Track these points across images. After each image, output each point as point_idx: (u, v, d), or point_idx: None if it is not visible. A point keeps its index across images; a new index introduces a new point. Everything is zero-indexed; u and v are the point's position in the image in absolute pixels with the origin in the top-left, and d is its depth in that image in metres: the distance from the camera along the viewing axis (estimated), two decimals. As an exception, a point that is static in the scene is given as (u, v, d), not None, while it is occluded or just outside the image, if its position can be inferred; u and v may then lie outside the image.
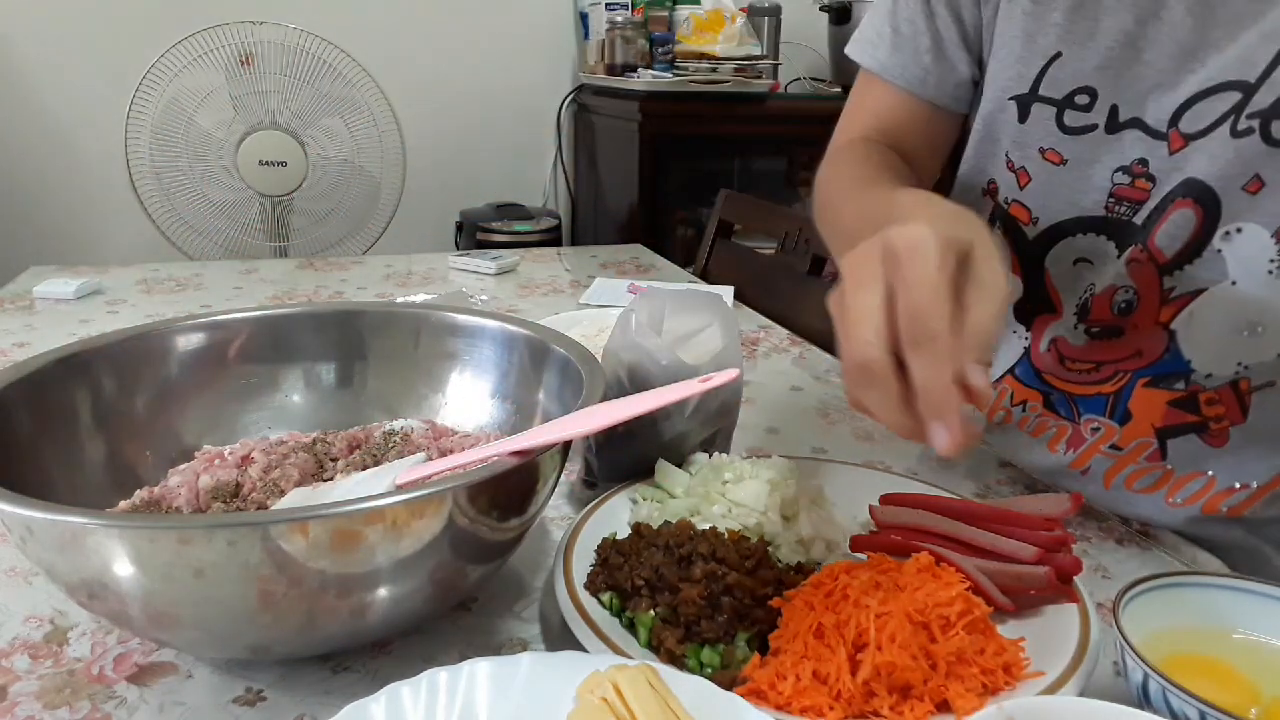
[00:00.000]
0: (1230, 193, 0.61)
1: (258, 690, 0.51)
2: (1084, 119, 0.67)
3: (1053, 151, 0.69)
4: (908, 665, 0.46)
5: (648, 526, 0.58)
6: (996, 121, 0.72)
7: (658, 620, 0.51)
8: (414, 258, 1.60)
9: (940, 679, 0.46)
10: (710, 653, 0.49)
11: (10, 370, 0.59)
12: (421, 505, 0.46)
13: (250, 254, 2.10)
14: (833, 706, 0.45)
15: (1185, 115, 0.62)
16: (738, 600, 0.51)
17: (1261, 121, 0.59)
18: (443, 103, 2.69)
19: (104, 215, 2.51)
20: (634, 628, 0.52)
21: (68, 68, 2.42)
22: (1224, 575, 0.51)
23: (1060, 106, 0.68)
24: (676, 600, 0.51)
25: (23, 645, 0.55)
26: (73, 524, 0.44)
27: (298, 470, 0.63)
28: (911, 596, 0.49)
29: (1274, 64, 0.58)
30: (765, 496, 0.60)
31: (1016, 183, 0.72)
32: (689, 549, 0.54)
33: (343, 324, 0.74)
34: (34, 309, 1.26)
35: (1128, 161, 0.65)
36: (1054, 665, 0.47)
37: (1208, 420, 0.67)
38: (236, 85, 2.05)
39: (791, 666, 0.47)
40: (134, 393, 0.67)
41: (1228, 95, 0.60)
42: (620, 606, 0.53)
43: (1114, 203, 0.67)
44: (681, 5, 2.57)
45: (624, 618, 0.53)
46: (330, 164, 2.15)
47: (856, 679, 0.46)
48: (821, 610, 0.50)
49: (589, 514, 0.61)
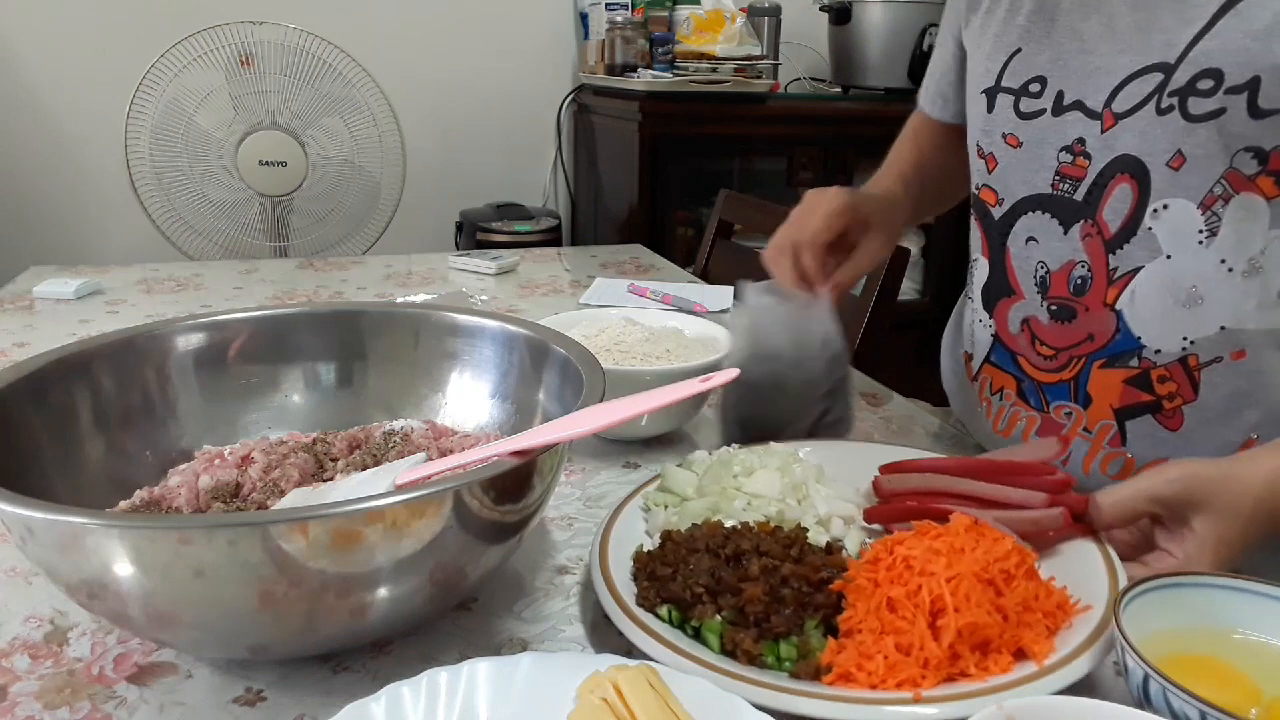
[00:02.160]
0: (1157, 168, 0.66)
1: (258, 690, 0.51)
2: (1036, 105, 0.74)
3: (1012, 136, 0.76)
4: (987, 622, 0.48)
5: (678, 533, 0.58)
6: (971, 115, 0.80)
7: (726, 624, 0.51)
8: (414, 258, 1.60)
9: (1013, 629, 0.49)
10: (787, 646, 0.50)
11: (10, 370, 0.59)
12: (421, 505, 0.46)
13: (250, 254, 2.10)
14: (924, 676, 0.46)
15: (1118, 96, 0.68)
16: (797, 590, 0.52)
17: (1180, 99, 0.64)
18: (443, 103, 2.69)
19: (104, 215, 2.51)
20: (700, 636, 0.52)
21: (68, 68, 2.42)
22: (1224, 575, 0.51)
23: (1017, 95, 0.75)
24: (741, 600, 0.51)
25: (23, 645, 0.55)
26: (73, 524, 0.44)
27: (297, 470, 0.63)
28: (972, 557, 0.51)
29: (1190, 45, 0.63)
30: (779, 483, 0.61)
31: (986, 168, 0.79)
32: (733, 548, 0.55)
33: (343, 324, 0.74)
34: (34, 309, 1.26)
35: (1069, 141, 0.71)
36: (1096, 598, 0.52)
37: (1161, 399, 0.70)
38: (236, 85, 2.05)
39: (873, 645, 0.48)
40: (134, 393, 0.67)
41: (1152, 76, 0.66)
42: (682, 618, 0.53)
43: (1059, 179, 0.73)
44: (681, 5, 2.57)
45: (688, 628, 0.52)
46: (330, 164, 2.15)
47: (941, 644, 0.47)
48: (887, 585, 0.50)
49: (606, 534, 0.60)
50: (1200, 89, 0.63)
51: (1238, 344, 0.67)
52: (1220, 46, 0.62)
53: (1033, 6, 0.74)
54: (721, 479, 0.63)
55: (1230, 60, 0.62)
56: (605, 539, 0.59)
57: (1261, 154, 0.62)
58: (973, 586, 0.49)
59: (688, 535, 0.57)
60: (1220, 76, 0.62)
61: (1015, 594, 0.50)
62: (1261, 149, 0.62)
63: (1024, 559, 0.52)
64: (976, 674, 0.47)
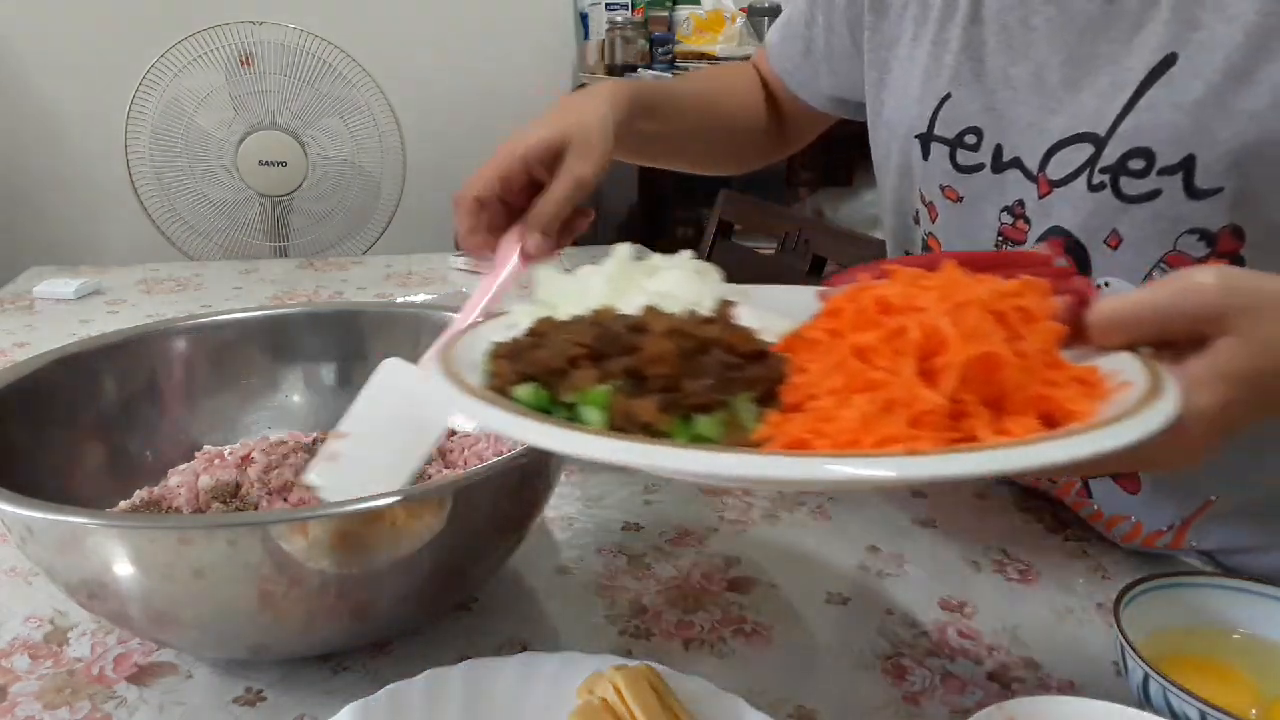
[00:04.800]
0: (1094, 245, 0.61)
1: (258, 690, 0.51)
2: (973, 158, 0.67)
3: (950, 189, 0.69)
4: (1005, 358, 0.35)
5: (551, 320, 0.41)
6: (908, 158, 0.73)
7: (618, 393, 0.36)
8: (414, 258, 1.60)
9: (1037, 384, 0.36)
10: (708, 422, 0.35)
11: (10, 370, 0.59)
12: (421, 505, 0.46)
13: (250, 254, 2.10)
14: (916, 438, 0.33)
15: (1051, 161, 0.62)
16: (723, 362, 0.37)
17: (1111, 177, 0.58)
18: (443, 103, 2.69)
19: (104, 215, 2.51)
20: (576, 418, 0.36)
21: (68, 68, 2.42)
22: (1224, 575, 0.51)
23: (953, 146, 0.68)
24: (638, 361, 0.36)
25: (23, 645, 0.55)
26: (73, 524, 0.44)
27: (297, 470, 0.63)
28: (975, 290, 0.38)
29: (1120, 117, 0.57)
30: (696, 285, 0.45)
31: (928, 216, 0.73)
32: (632, 322, 0.39)
33: (343, 324, 0.74)
34: (34, 309, 1.25)
35: (1010, 202, 0.65)
36: (1133, 378, 0.37)
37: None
38: (236, 85, 2.05)
39: (838, 404, 0.34)
40: (134, 393, 0.67)
41: (1083, 146, 0.59)
42: (550, 398, 0.37)
43: (1001, 241, 0.67)
44: (681, 5, 2.57)
45: (559, 411, 0.37)
46: (330, 164, 2.14)
47: (941, 389, 0.34)
48: (854, 333, 0.37)
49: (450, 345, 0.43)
50: (1132, 169, 0.57)
51: None
52: (1150, 122, 0.56)
53: (960, 43, 0.67)
54: (618, 280, 0.47)
55: (1160, 139, 0.55)
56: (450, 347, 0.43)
57: (1209, 236, 0.56)
58: (982, 318, 0.36)
59: (565, 321, 0.41)
60: (1152, 157, 0.56)
61: (1040, 334, 0.37)
62: (1208, 230, 0.55)
63: (1046, 299, 0.39)
64: (992, 438, 0.33)
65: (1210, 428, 0.39)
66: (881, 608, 0.60)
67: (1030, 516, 0.72)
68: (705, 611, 0.59)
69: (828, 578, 0.63)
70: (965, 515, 0.72)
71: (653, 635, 0.56)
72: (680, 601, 0.60)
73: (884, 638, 0.57)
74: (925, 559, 0.66)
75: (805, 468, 0.31)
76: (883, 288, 0.39)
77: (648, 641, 0.56)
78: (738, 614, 0.59)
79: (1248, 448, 0.62)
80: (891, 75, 0.74)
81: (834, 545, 0.67)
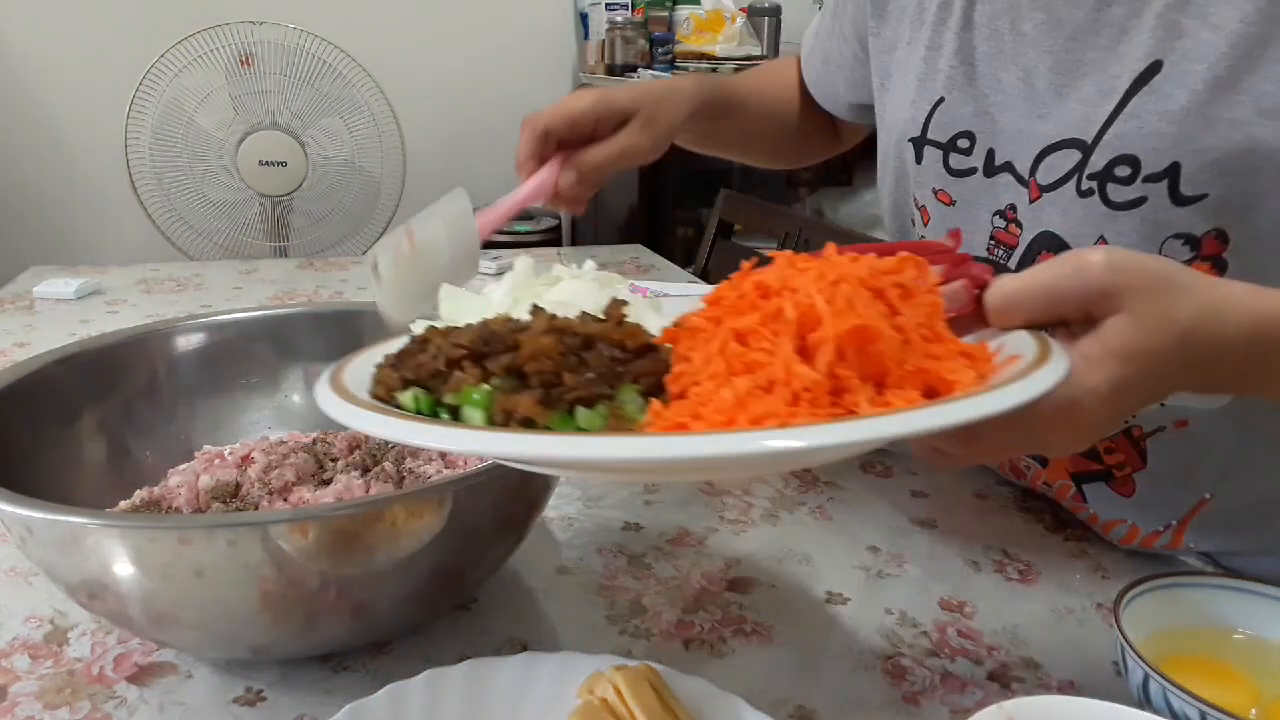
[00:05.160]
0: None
1: (258, 690, 0.51)
2: (966, 162, 0.67)
3: (943, 192, 0.70)
4: (882, 331, 0.35)
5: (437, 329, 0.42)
6: (903, 161, 0.73)
7: (499, 392, 0.36)
8: (414, 258, 1.59)
9: (919, 358, 0.36)
10: (589, 414, 0.36)
11: (10, 370, 0.59)
12: (421, 505, 0.46)
13: (250, 254, 2.10)
14: (795, 415, 0.33)
15: (1040, 166, 0.62)
16: (609, 357, 0.37)
17: (1099, 184, 0.58)
18: (443, 103, 2.69)
19: (104, 215, 2.51)
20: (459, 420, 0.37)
21: (68, 68, 2.42)
22: (1224, 575, 0.51)
23: (945, 150, 0.68)
24: (521, 358, 0.36)
25: (23, 645, 0.55)
26: (73, 524, 0.44)
27: (297, 470, 0.63)
28: (851, 268, 0.38)
29: (1106, 125, 0.57)
30: (597, 294, 0.45)
31: (921, 219, 0.73)
32: (517, 325, 0.39)
33: (343, 324, 0.74)
34: (34, 309, 1.25)
35: (1002, 206, 0.65)
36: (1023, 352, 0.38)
37: (1110, 469, 0.66)
38: (236, 85, 2.05)
39: (718, 388, 0.35)
40: (134, 393, 0.67)
41: (1071, 153, 0.60)
42: (433, 403, 0.38)
43: (994, 245, 0.67)
44: (681, 5, 2.57)
45: (443, 413, 0.38)
46: (330, 164, 2.15)
47: (818, 365, 0.34)
48: (734, 318, 0.37)
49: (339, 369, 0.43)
50: (1118, 176, 0.57)
51: (1178, 415, 0.63)
52: (1135, 130, 0.56)
53: (953, 48, 0.67)
54: (518, 290, 0.47)
55: (1146, 147, 0.56)
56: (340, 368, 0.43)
57: (1193, 240, 0.56)
58: (858, 293, 0.36)
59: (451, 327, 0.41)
60: (1137, 164, 0.56)
61: (918, 309, 0.37)
62: (1192, 235, 0.56)
63: (923, 274, 0.39)
64: (871, 410, 0.33)
65: (1102, 405, 0.39)
66: (881, 608, 0.60)
67: (1030, 516, 0.72)
68: (705, 611, 0.59)
69: (828, 578, 0.63)
70: (965, 515, 0.72)
71: (653, 635, 0.56)
72: (680, 601, 0.60)
73: (884, 638, 0.57)
74: (925, 559, 0.66)
75: (654, 447, 0.31)
76: (761, 273, 0.39)
77: (648, 641, 0.56)
78: (738, 614, 0.59)
79: (1241, 445, 0.62)
80: (891, 80, 0.74)
81: (834, 545, 0.67)
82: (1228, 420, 0.61)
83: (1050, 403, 0.37)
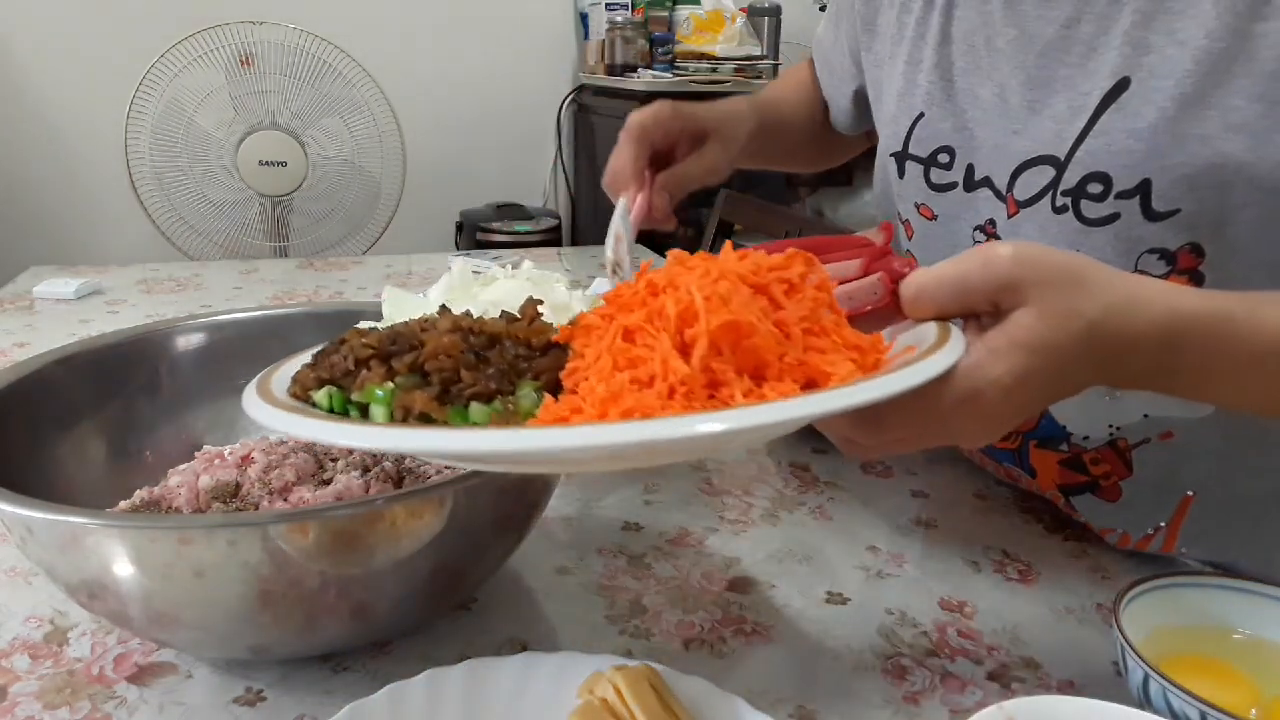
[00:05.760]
0: None
1: (258, 690, 0.51)
2: (946, 177, 0.68)
3: (925, 207, 0.70)
4: (756, 327, 0.36)
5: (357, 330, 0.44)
6: (887, 175, 0.74)
7: (400, 390, 0.38)
8: (414, 258, 1.60)
9: (798, 351, 0.37)
10: (482, 410, 0.37)
11: (10, 370, 0.59)
12: (421, 505, 0.46)
13: (250, 254, 2.10)
14: (667, 406, 0.34)
15: (1017, 182, 0.62)
16: (513, 355, 0.39)
17: (1072, 200, 0.58)
18: (443, 103, 2.69)
19: (104, 215, 2.51)
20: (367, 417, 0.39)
21: (68, 68, 2.42)
22: (1224, 575, 0.51)
23: (926, 165, 0.69)
24: (424, 356, 0.38)
25: (23, 645, 0.55)
26: (73, 524, 0.44)
27: (297, 470, 0.63)
28: (738, 264, 0.39)
29: (1077, 142, 0.58)
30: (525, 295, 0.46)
31: (905, 234, 0.74)
32: (427, 324, 0.42)
33: (343, 324, 0.73)
34: (34, 309, 1.25)
35: (982, 221, 0.65)
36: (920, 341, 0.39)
37: (1097, 479, 0.67)
38: (236, 85, 2.05)
39: (599, 382, 0.36)
40: (134, 393, 0.67)
41: (1044, 169, 0.60)
42: (344, 400, 0.40)
43: None
44: (681, 5, 2.58)
45: (353, 410, 0.40)
46: (330, 164, 2.15)
47: (692, 361, 0.35)
48: (624, 315, 0.39)
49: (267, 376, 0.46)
50: (1091, 193, 0.58)
51: (1163, 426, 0.63)
52: (1105, 148, 0.56)
53: (932, 62, 0.68)
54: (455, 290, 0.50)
55: (1116, 164, 0.56)
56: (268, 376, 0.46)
57: (1168, 255, 0.56)
58: (735, 289, 0.37)
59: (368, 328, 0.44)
60: (1109, 181, 0.56)
61: (799, 305, 0.37)
62: (1167, 250, 0.56)
63: (812, 269, 0.40)
64: (747, 401, 0.34)
65: (1006, 396, 0.40)
66: (881, 608, 0.60)
67: (1030, 516, 0.72)
68: (705, 611, 0.59)
69: (828, 578, 0.63)
70: (965, 515, 0.72)
71: (653, 635, 0.56)
72: (680, 601, 0.60)
73: (884, 638, 0.57)
74: (925, 559, 0.66)
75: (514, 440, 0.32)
76: (654, 272, 0.41)
77: (648, 641, 0.56)
78: (738, 614, 0.59)
79: (1222, 443, 0.62)
80: (881, 94, 0.75)
81: (834, 545, 0.67)
82: (1215, 428, 0.61)
83: (954, 394, 0.39)
